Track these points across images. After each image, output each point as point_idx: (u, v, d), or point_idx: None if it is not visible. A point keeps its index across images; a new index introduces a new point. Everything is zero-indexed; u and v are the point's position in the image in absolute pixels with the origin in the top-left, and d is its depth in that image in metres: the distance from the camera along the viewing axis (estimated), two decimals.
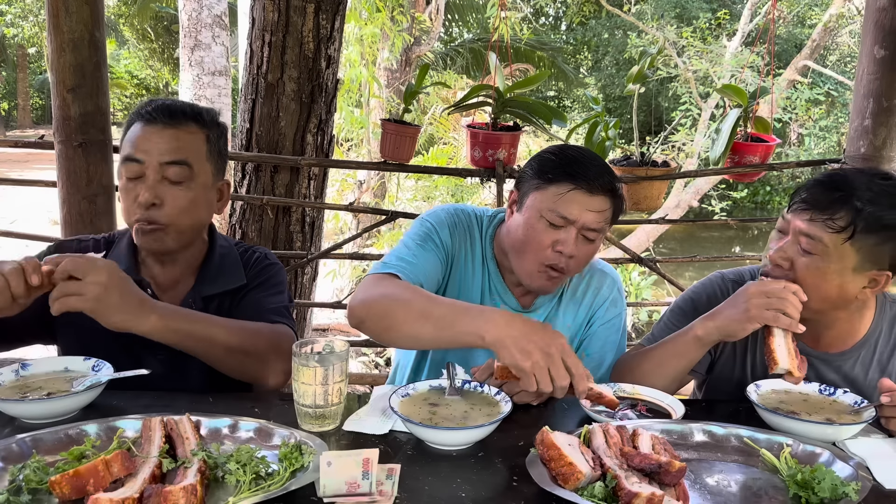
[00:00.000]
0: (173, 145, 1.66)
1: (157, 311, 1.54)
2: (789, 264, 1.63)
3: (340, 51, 3.59)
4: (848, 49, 14.30)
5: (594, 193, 1.71)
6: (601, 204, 1.72)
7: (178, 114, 1.69)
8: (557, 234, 1.72)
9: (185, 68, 7.11)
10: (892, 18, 2.99)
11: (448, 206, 1.95)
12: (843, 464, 1.32)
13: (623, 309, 1.97)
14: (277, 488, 1.18)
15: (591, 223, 1.72)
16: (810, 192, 1.62)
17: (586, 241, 1.75)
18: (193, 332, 1.58)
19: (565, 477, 1.19)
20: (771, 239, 1.72)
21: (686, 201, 9.31)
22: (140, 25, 18.09)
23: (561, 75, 13.75)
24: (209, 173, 1.73)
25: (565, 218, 1.71)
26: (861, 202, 1.55)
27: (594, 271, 1.96)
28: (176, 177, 1.66)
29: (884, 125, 3.09)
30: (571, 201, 1.71)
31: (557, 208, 1.71)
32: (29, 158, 14.11)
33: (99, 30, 2.67)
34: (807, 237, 1.60)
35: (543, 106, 3.20)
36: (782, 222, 1.68)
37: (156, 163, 1.64)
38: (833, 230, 1.57)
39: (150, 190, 1.64)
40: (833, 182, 1.61)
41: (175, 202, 1.66)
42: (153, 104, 1.70)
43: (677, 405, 1.59)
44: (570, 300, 1.93)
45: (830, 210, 1.57)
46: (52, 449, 1.30)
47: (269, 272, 1.85)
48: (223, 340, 1.61)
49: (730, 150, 3.20)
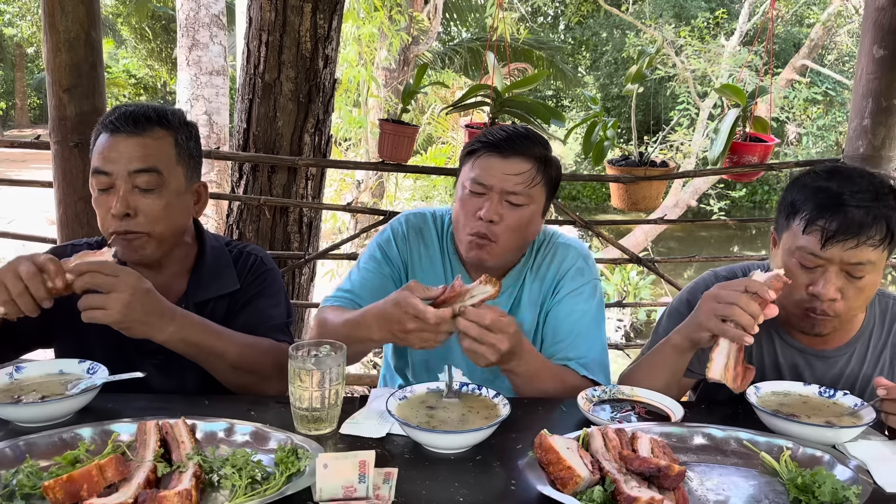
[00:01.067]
0: (140, 153, 1.62)
1: (176, 322, 1.56)
2: (840, 294, 1.59)
3: (338, 50, 3.58)
4: (846, 48, 14.30)
5: (507, 156, 1.74)
6: (517, 167, 1.74)
7: (141, 120, 1.65)
8: (480, 201, 1.76)
9: (183, 68, 7.09)
10: (892, 18, 2.98)
11: (402, 215, 2.01)
12: (843, 467, 1.31)
13: (593, 278, 1.90)
14: (273, 493, 1.17)
15: (510, 186, 1.74)
16: (830, 220, 1.54)
17: (512, 206, 1.75)
18: (206, 345, 1.60)
19: (564, 481, 1.19)
20: (791, 274, 1.61)
21: (684, 201, 9.31)
22: (137, 25, 18.08)
23: (559, 74, 13.74)
24: (181, 177, 1.70)
25: (482, 184, 1.75)
26: (884, 208, 1.54)
27: (556, 245, 1.93)
28: (146, 185, 1.63)
29: (883, 125, 3.08)
30: (486, 167, 1.76)
31: (474, 175, 1.76)
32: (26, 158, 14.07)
33: (95, 29, 2.66)
34: (858, 264, 1.55)
35: (542, 106, 3.19)
36: (812, 258, 1.58)
37: (124, 172, 1.61)
38: (876, 247, 1.54)
39: (122, 201, 1.61)
40: (840, 202, 1.55)
41: (149, 211, 1.63)
42: (117, 112, 1.66)
43: (676, 408, 1.58)
44: (533, 278, 1.91)
45: (866, 230, 1.53)
46: (45, 453, 1.29)
47: (268, 278, 1.84)
48: (233, 357, 1.63)
49: (728, 150, 3.19)
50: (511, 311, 1.89)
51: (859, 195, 1.55)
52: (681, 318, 1.76)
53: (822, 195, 1.58)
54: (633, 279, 8.26)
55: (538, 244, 1.93)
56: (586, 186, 17.88)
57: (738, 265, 1.90)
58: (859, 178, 1.59)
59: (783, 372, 1.77)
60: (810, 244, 1.57)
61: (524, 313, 1.90)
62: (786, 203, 1.67)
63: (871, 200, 1.54)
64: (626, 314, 8.45)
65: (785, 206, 1.67)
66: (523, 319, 1.89)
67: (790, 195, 1.66)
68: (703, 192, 9.72)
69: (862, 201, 1.54)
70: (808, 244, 1.58)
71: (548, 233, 1.96)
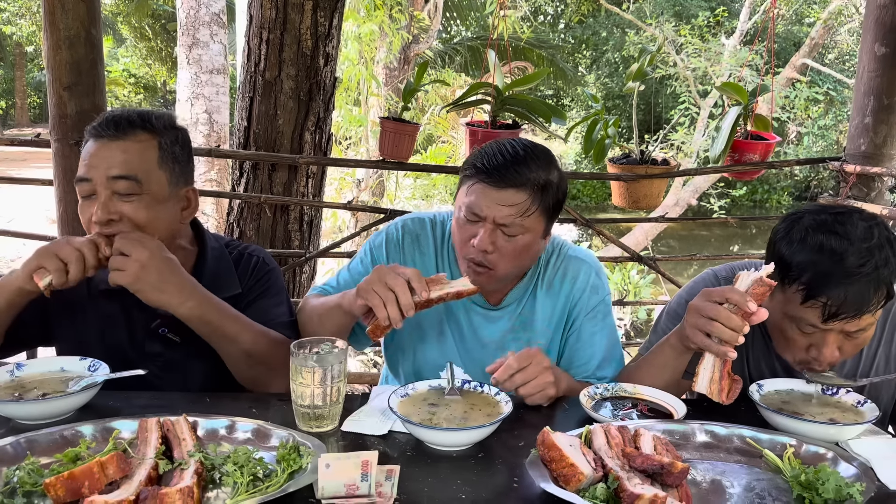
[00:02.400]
0: (119, 158, 1.61)
1: (196, 298, 1.58)
2: (839, 350, 1.58)
3: (339, 49, 3.57)
4: (847, 47, 14.29)
5: (500, 187, 1.66)
6: (510, 198, 1.66)
7: (123, 124, 1.63)
8: (474, 228, 1.70)
9: (183, 66, 7.08)
10: (893, 15, 2.98)
11: (400, 219, 1.95)
12: (847, 464, 1.31)
13: (606, 294, 1.90)
14: (275, 490, 1.16)
15: (501, 218, 1.66)
16: (832, 298, 1.48)
17: (507, 236, 1.69)
18: (222, 327, 1.62)
19: (567, 478, 1.18)
20: (789, 338, 1.60)
21: (685, 199, 9.29)
22: (138, 23, 18.06)
23: (560, 73, 13.72)
24: (163, 182, 1.66)
25: (475, 214, 1.68)
26: (884, 270, 1.50)
27: (568, 260, 1.89)
28: (125, 190, 1.61)
29: (884, 123, 3.08)
30: (479, 195, 1.68)
31: (468, 202, 1.69)
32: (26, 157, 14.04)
33: (95, 27, 2.65)
34: (859, 331, 1.54)
35: (542, 104, 3.18)
36: (811, 328, 1.55)
37: (103, 178, 1.60)
38: (876, 311, 1.53)
39: (103, 208, 1.60)
40: (842, 273, 1.48)
41: (131, 217, 1.62)
42: (103, 117, 1.65)
43: (679, 405, 1.58)
44: (546, 294, 1.87)
45: (867, 304, 1.49)
46: (46, 450, 1.29)
47: (271, 279, 1.84)
48: (246, 344, 1.64)
49: (729, 148, 3.18)
50: (521, 324, 1.88)
51: (860, 266, 1.48)
52: (679, 318, 1.75)
53: (822, 266, 1.50)
54: (633, 278, 8.25)
55: (547, 257, 1.89)
56: (587, 185, 17.87)
57: (738, 263, 1.88)
58: (858, 239, 1.50)
59: (778, 376, 1.76)
60: (811, 317, 1.53)
61: (537, 328, 1.88)
62: (778, 257, 1.57)
63: (871, 267, 1.48)
64: (626, 312, 8.43)
65: (779, 262, 1.55)
66: (536, 334, 1.88)
67: (784, 249, 1.57)
68: (703, 190, 9.71)
69: (863, 268, 1.48)
70: (808, 317, 1.53)
71: (556, 243, 1.90)
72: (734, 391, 1.52)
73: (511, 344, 1.85)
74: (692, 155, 10.16)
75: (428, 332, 1.89)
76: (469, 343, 1.88)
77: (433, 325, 1.89)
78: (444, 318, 1.88)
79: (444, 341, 1.89)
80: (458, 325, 1.88)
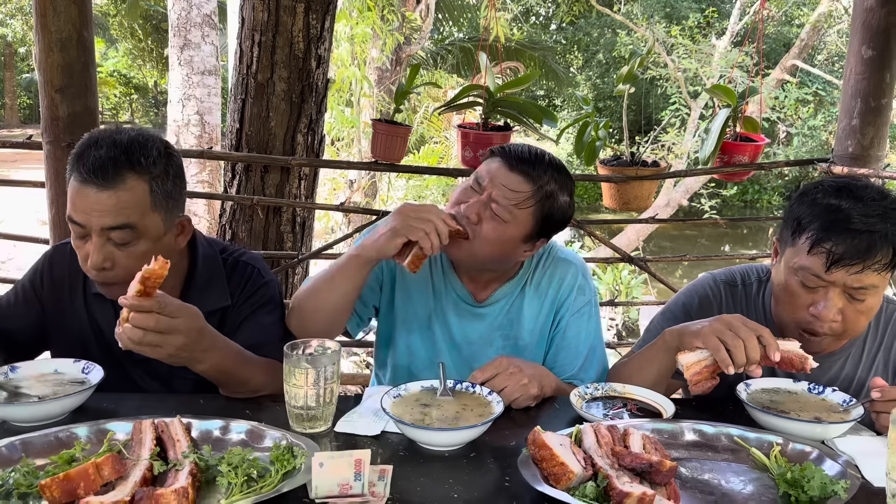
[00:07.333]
0: (112, 209, 1.54)
1: (216, 353, 1.54)
2: (842, 315, 1.59)
3: (331, 50, 3.58)
4: (836, 48, 14.37)
5: (513, 169, 1.74)
6: (515, 182, 1.73)
7: (110, 171, 1.53)
8: (471, 195, 1.77)
9: (175, 68, 7.07)
10: (880, 18, 3.01)
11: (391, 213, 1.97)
12: (832, 462, 1.33)
13: (593, 295, 1.94)
14: (269, 490, 1.18)
15: (498, 196, 1.73)
16: (836, 244, 1.52)
17: (493, 214, 1.73)
18: (235, 373, 1.61)
19: (557, 477, 1.20)
20: (792, 293, 1.62)
21: (676, 200, 9.34)
22: (129, 24, 17.99)
23: (551, 74, 13.75)
24: (158, 223, 1.61)
25: (479, 182, 1.77)
26: (892, 229, 1.51)
27: (556, 261, 1.93)
28: (120, 239, 1.56)
29: (871, 125, 3.11)
30: (491, 170, 1.77)
31: (480, 171, 1.78)
32: (17, 158, 13.99)
33: (87, 29, 2.65)
34: (861, 288, 1.55)
35: (534, 106, 3.20)
36: (815, 279, 1.57)
37: (97, 227, 1.55)
38: (880, 271, 1.54)
39: (98, 253, 1.56)
40: (849, 223, 1.52)
41: (126, 263, 1.58)
42: (87, 156, 1.55)
43: (668, 405, 1.60)
44: (533, 293, 1.91)
45: (871, 255, 1.51)
46: (41, 452, 1.30)
47: (267, 292, 1.80)
48: (257, 384, 1.64)
49: (719, 150, 3.21)
50: (508, 322, 1.91)
51: (869, 218, 1.52)
52: (675, 319, 1.77)
53: (831, 215, 1.54)
54: (624, 278, 8.29)
55: (538, 258, 1.92)
56: (578, 186, 17.79)
57: (737, 268, 1.89)
58: (870, 199, 1.55)
59: (777, 375, 1.78)
60: (815, 266, 1.55)
61: (524, 325, 1.91)
62: (792, 217, 1.62)
63: (881, 222, 1.51)
64: (618, 313, 8.47)
65: (791, 221, 1.62)
66: (522, 333, 1.91)
67: (797, 210, 1.62)
68: (694, 191, 9.75)
69: (870, 224, 1.51)
70: (812, 265, 1.56)
71: (546, 246, 1.93)
72: (702, 387, 1.52)
73: (498, 341, 1.90)
74: (683, 156, 10.21)
75: (415, 327, 1.92)
76: (457, 338, 1.92)
77: (421, 319, 1.92)
78: (432, 313, 1.91)
79: (431, 336, 1.92)
80: (446, 320, 1.91)
